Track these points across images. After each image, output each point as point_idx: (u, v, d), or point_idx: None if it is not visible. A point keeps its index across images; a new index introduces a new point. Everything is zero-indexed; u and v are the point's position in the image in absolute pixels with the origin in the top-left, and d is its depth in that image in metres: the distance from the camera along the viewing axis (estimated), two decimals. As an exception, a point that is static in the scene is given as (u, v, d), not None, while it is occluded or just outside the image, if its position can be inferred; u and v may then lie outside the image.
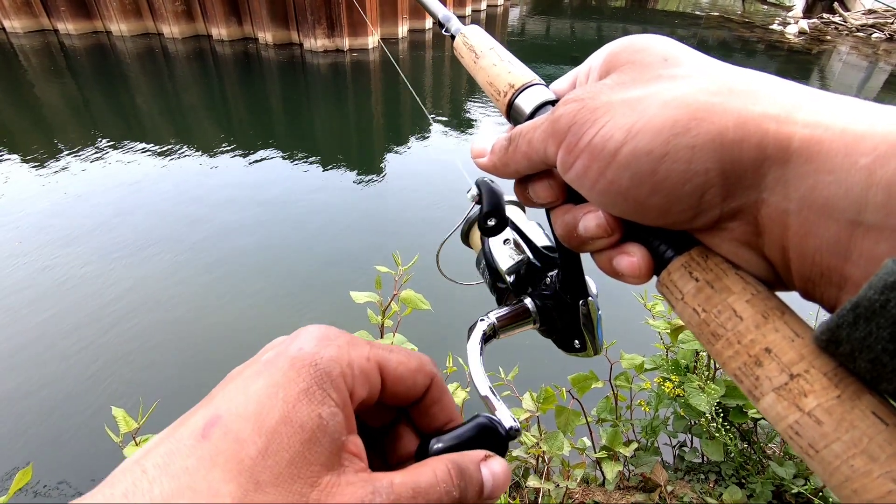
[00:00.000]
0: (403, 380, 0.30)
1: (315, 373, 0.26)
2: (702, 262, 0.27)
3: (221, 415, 0.25)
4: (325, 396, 0.25)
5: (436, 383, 0.32)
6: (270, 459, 0.23)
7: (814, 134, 0.23)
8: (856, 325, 0.20)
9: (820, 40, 14.61)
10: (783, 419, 0.22)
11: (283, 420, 0.24)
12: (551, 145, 0.30)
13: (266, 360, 0.27)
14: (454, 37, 0.46)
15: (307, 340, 0.27)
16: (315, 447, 0.24)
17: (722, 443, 1.40)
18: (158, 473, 0.23)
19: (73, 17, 11.96)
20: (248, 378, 0.26)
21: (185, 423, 0.25)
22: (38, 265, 4.36)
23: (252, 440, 0.24)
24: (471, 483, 0.28)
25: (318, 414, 0.25)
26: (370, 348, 0.29)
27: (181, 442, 0.24)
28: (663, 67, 0.28)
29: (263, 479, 0.23)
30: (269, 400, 0.25)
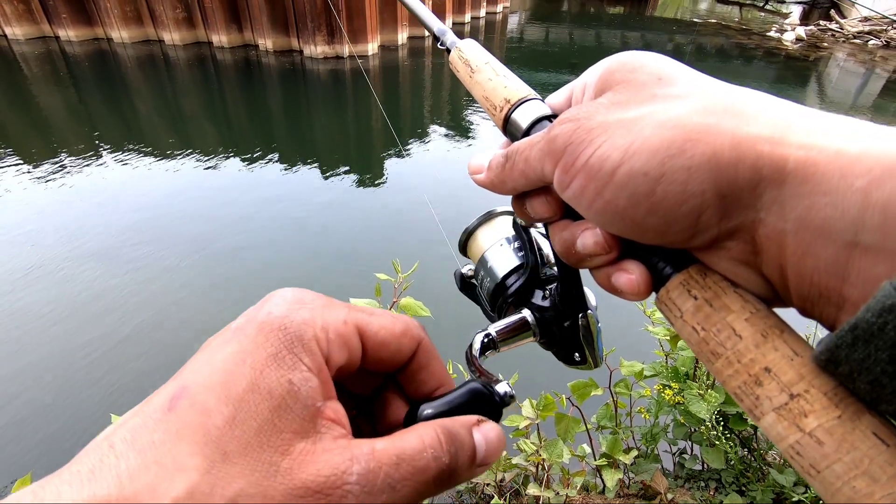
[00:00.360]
0: (387, 344, 0.29)
1: (284, 337, 0.25)
2: (700, 279, 0.27)
3: (188, 386, 0.24)
4: (296, 361, 0.25)
5: (423, 348, 0.31)
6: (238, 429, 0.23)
7: (808, 155, 0.23)
8: (854, 347, 0.20)
9: (817, 47, 14.70)
10: (784, 439, 0.22)
11: (251, 387, 0.23)
12: (548, 164, 0.30)
13: (235, 327, 0.26)
14: (450, 50, 0.46)
15: (277, 304, 0.26)
16: (286, 414, 0.23)
17: (722, 450, 1.39)
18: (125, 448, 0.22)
19: (74, 23, 12.02)
20: (215, 347, 0.25)
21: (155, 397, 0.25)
22: (38, 271, 4.36)
23: (218, 410, 0.23)
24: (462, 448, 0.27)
25: (289, 380, 0.24)
26: (348, 311, 0.28)
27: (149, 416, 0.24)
28: (658, 87, 0.28)
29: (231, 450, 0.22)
30: (236, 367, 0.24)
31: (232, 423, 0.23)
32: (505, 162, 0.34)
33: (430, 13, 0.52)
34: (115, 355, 3.50)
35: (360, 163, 7.14)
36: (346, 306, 0.29)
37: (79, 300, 4.04)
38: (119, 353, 3.52)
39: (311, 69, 11.17)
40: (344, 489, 0.23)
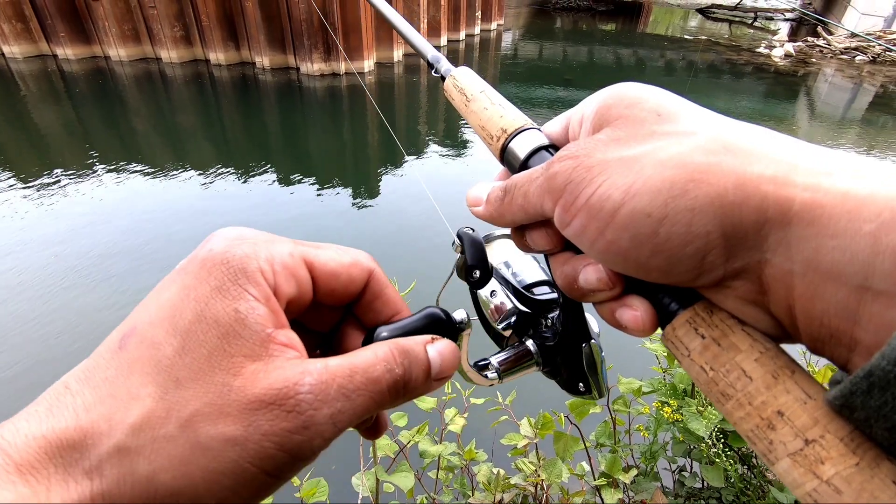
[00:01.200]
0: (337, 275, 0.30)
1: (227, 270, 0.26)
2: (707, 317, 0.26)
3: (136, 325, 0.25)
4: (241, 291, 0.25)
5: (375, 277, 0.32)
6: (188, 357, 0.24)
7: (815, 197, 0.22)
8: (870, 394, 0.20)
9: (805, 62, 14.98)
10: (801, 486, 0.22)
11: (197, 318, 0.24)
12: (548, 201, 0.30)
13: (178, 267, 0.27)
14: (444, 78, 0.45)
15: (218, 241, 0.27)
16: (235, 340, 0.24)
17: (722, 468, 1.38)
18: (80, 387, 0.24)
19: (72, 42, 12.11)
20: (160, 288, 0.27)
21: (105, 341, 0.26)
22: (37, 288, 4.32)
23: (167, 342, 0.24)
24: (416, 361, 0.28)
25: (234, 308, 0.25)
26: (293, 245, 0.29)
27: (100, 356, 0.25)
28: (657, 123, 0.28)
29: (183, 376, 0.23)
30: (180, 302, 0.25)
31: (181, 352, 0.24)
32: (504, 196, 0.34)
33: (424, 40, 0.52)
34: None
35: (357, 179, 7.17)
36: (292, 241, 0.29)
37: (69, 318, 4.00)
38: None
39: (308, 86, 11.27)
40: (297, 398, 0.24)
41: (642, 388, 1.46)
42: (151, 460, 0.22)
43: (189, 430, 0.23)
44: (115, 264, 4.69)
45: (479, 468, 1.50)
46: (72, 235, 5.17)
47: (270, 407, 0.23)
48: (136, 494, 0.22)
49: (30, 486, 0.21)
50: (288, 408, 0.23)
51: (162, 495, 0.22)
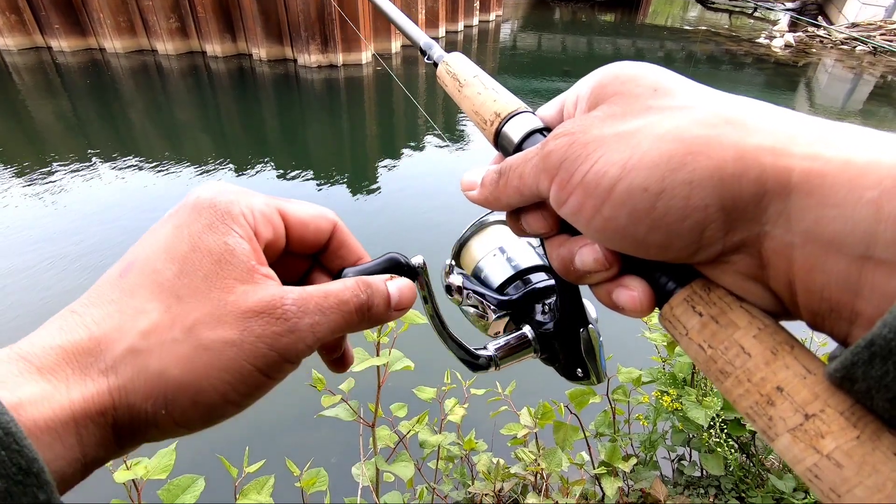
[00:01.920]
0: (305, 224, 0.34)
1: (215, 211, 0.30)
2: (705, 295, 0.26)
3: (135, 258, 0.29)
4: (228, 229, 0.29)
5: (339, 228, 0.36)
6: (186, 278, 0.27)
7: (814, 166, 0.22)
8: (871, 364, 0.20)
9: (806, 53, 14.90)
10: (801, 462, 0.22)
11: (192, 248, 0.28)
12: (543, 181, 0.30)
13: (169, 213, 0.31)
14: (437, 64, 0.45)
15: (204, 190, 0.31)
16: (226, 266, 0.28)
17: (721, 456, 1.39)
18: (86, 309, 0.27)
19: (67, 34, 12.00)
20: (154, 229, 0.30)
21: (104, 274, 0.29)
22: (32, 283, 4.31)
23: (166, 267, 0.28)
24: (377, 292, 0.33)
25: (224, 241, 0.29)
26: (268, 197, 0.33)
27: (101, 286, 0.28)
28: (653, 98, 0.28)
29: (183, 293, 0.27)
30: (175, 236, 0.29)
31: (180, 274, 0.28)
32: (498, 178, 0.33)
33: (416, 27, 0.51)
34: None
35: (355, 171, 7.15)
36: (267, 195, 0.34)
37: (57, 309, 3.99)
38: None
39: (305, 78, 11.20)
40: (283, 308, 0.28)
41: (642, 377, 1.46)
42: (161, 358, 0.26)
43: (192, 335, 0.26)
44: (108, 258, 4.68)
45: (479, 458, 1.51)
46: (66, 228, 5.15)
47: (261, 315, 0.28)
48: (149, 388, 0.26)
49: (50, 384, 0.24)
50: (276, 315, 0.28)
51: (171, 388, 0.26)
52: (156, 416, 0.26)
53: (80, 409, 0.24)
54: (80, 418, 0.24)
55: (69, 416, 0.24)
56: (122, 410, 0.25)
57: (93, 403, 0.25)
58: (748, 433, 1.45)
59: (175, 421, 0.27)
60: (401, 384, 1.38)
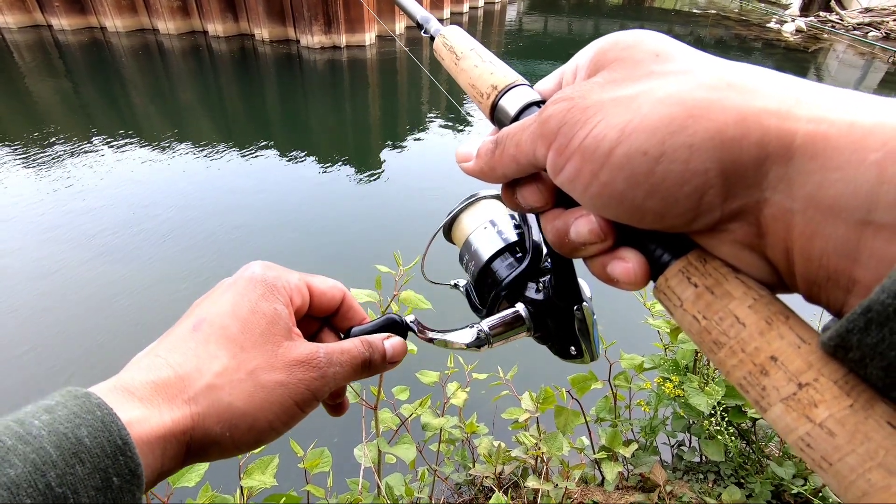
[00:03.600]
0: (324, 293, 0.43)
1: (266, 285, 0.39)
2: (700, 266, 0.26)
3: (206, 316, 0.37)
4: (276, 298, 0.38)
5: (347, 297, 0.46)
6: (248, 333, 0.36)
7: (818, 129, 0.21)
8: (867, 331, 0.19)
9: (816, 38, 14.65)
10: (793, 431, 0.21)
11: (252, 311, 0.37)
12: (541, 147, 0.29)
13: (227, 283, 0.39)
14: (433, 38, 0.44)
15: (255, 268, 0.40)
16: (276, 326, 0.37)
17: (722, 443, 1.40)
18: (168, 353, 0.34)
19: (68, 12, 11.85)
20: (217, 295, 0.39)
21: (177, 328, 0.37)
22: (34, 264, 4.33)
23: (233, 324, 0.36)
24: (376, 349, 0.42)
25: (274, 308, 0.38)
26: (299, 274, 0.43)
27: (178, 336, 0.36)
28: (655, 63, 0.27)
29: (245, 345, 0.35)
30: (239, 301, 0.37)
31: (243, 331, 0.36)
32: (494, 148, 0.33)
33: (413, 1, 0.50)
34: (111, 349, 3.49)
35: (358, 153, 7.10)
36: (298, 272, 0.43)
37: (69, 288, 4.02)
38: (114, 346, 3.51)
39: (308, 59, 11.07)
40: (318, 359, 0.37)
41: (644, 363, 1.46)
42: (230, 393, 0.34)
43: (253, 376, 0.34)
44: (108, 239, 4.68)
45: (480, 441, 1.52)
46: (66, 209, 5.15)
47: (303, 364, 0.36)
48: (220, 415, 0.33)
49: (148, 410, 0.31)
50: (313, 364, 0.37)
51: (236, 417, 0.33)
52: (221, 438, 0.33)
53: (169, 429, 0.31)
54: (167, 436, 0.31)
55: (161, 435, 0.30)
56: (199, 432, 0.32)
57: (178, 425, 0.31)
58: (749, 420, 1.45)
59: (234, 443, 0.34)
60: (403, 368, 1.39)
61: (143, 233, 4.80)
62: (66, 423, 0.27)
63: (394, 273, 1.09)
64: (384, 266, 1.11)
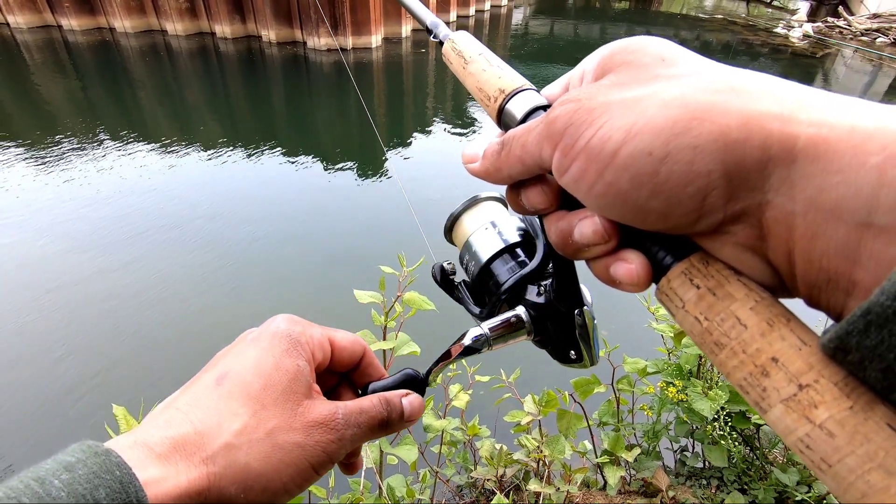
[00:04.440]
0: (345, 348, 0.43)
1: (290, 340, 0.38)
2: (702, 268, 0.26)
3: (229, 369, 0.36)
4: (299, 354, 0.38)
5: (367, 352, 0.45)
6: (269, 391, 0.35)
7: (820, 133, 0.22)
8: (867, 333, 0.19)
9: (824, 44, 14.58)
10: (793, 432, 0.21)
11: (275, 367, 0.36)
12: (547, 148, 0.29)
13: (252, 337, 0.39)
14: (443, 43, 0.45)
15: (280, 322, 0.40)
16: (297, 384, 0.36)
17: (725, 448, 1.39)
18: (190, 408, 0.34)
19: (77, 13, 11.96)
20: (242, 347, 0.38)
21: (199, 381, 0.36)
22: (40, 263, 4.36)
23: (255, 380, 0.35)
24: (395, 408, 0.41)
25: (297, 364, 0.37)
26: (322, 328, 0.42)
27: (201, 389, 0.35)
28: (661, 67, 0.27)
29: (267, 403, 0.35)
30: (263, 356, 0.37)
31: (265, 388, 0.35)
32: (500, 149, 0.33)
33: (423, 6, 0.51)
34: (113, 347, 3.51)
35: (363, 155, 7.12)
36: (321, 326, 0.43)
37: (76, 288, 4.04)
38: (116, 345, 3.52)
39: (315, 61, 11.12)
40: (336, 420, 0.37)
41: (647, 368, 1.45)
42: (248, 454, 0.33)
43: (272, 437, 0.34)
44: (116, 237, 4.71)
45: (482, 443, 1.52)
46: (74, 207, 5.18)
47: (321, 426, 0.36)
48: (236, 476, 0.32)
49: (166, 468, 0.31)
50: (331, 426, 0.36)
51: (252, 477, 0.33)
52: (235, 499, 0.33)
53: (185, 490, 0.31)
54: (183, 497, 0.31)
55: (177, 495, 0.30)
56: (213, 492, 0.32)
57: (194, 486, 0.31)
58: (752, 426, 1.44)
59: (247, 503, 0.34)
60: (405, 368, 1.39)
61: (146, 232, 4.83)
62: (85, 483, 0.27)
63: (398, 274, 1.09)
64: (388, 267, 1.11)
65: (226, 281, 4.24)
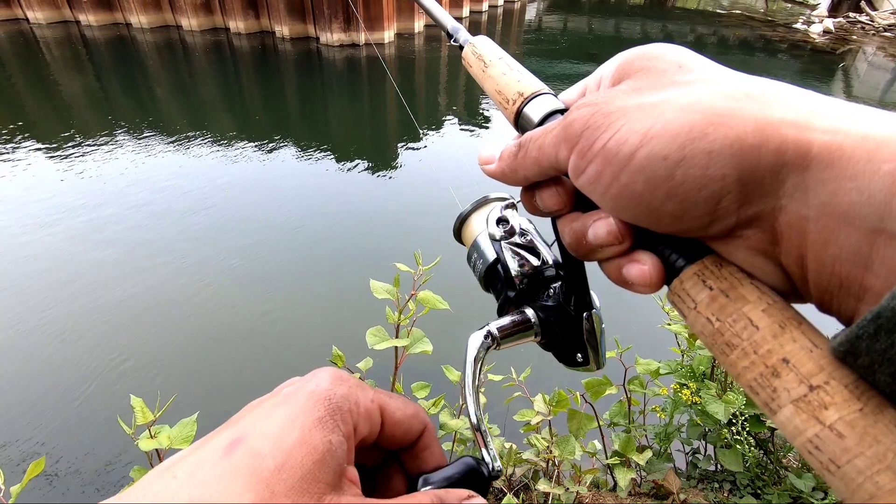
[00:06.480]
0: (401, 423, 0.34)
1: (329, 405, 0.29)
2: (716, 270, 0.26)
3: (246, 435, 0.28)
4: (336, 426, 0.29)
5: (428, 430, 0.35)
6: (286, 474, 0.27)
7: (834, 140, 0.22)
8: (876, 337, 0.20)
9: (845, 40, 14.27)
10: (802, 433, 0.21)
11: (300, 442, 0.28)
12: (563, 150, 0.30)
13: (286, 392, 0.31)
14: (462, 47, 0.46)
15: (323, 379, 0.31)
16: (324, 468, 0.28)
17: (739, 452, 1.37)
18: (187, 480, 0.26)
19: (95, 8, 12.13)
20: (270, 406, 0.30)
21: (212, 440, 0.29)
22: (58, 255, 4.44)
23: (271, 455, 0.27)
24: None
25: (329, 440, 0.28)
26: (374, 392, 0.33)
27: (208, 456, 0.28)
28: (678, 73, 0.28)
29: (278, 490, 0.26)
30: (289, 424, 0.28)
31: (281, 468, 0.27)
32: (517, 151, 0.33)
33: (444, 11, 0.52)
34: (131, 340, 3.56)
35: (377, 151, 7.14)
36: (373, 388, 0.33)
37: (89, 279, 4.11)
38: (133, 338, 3.58)
39: (327, 56, 11.16)
40: None
41: (660, 369, 1.44)
42: None
43: None
44: (130, 232, 4.78)
45: (492, 442, 1.51)
46: (87, 200, 5.26)
47: None
48: None
49: None
50: None
51: None
52: None
53: None
54: None
55: None
56: None
57: None
58: (767, 430, 1.43)
59: None
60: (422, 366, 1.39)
61: (157, 224, 4.89)
62: None
63: (413, 272, 1.09)
64: (403, 265, 1.11)
65: (235, 276, 4.28)
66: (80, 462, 2.73)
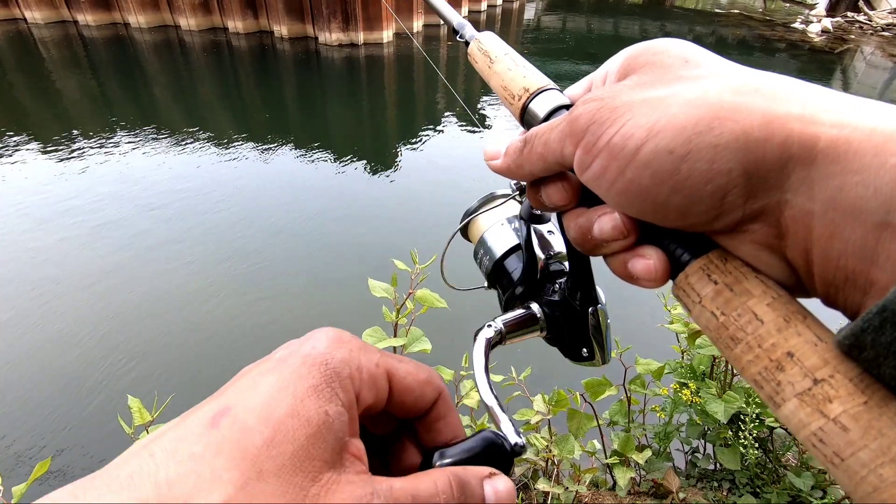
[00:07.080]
0: (411, 390, 0.30)
1: (325, 371, 0.26)
2: (721, 264, 0.26)
3: (231, 406, 0.25)
4: (334, 395, 0.26)
5: (443, 398, 0.32)
6: (275, 450, 0.23)
7: (841, 134, 0.22)
8: (882, 330, 0.20)
9: (843, 39, 14.30)
10: (806, 426, 0.21)
11: (291, 413, 0.24)
12: (569, 145, 0.29)
13: (279, 357, 0.27)
14: (468, 43, 0.46)
15: (320, 341, 0.28)
16: (319, 442, 0.24)
17: (738, 451, 1.37)
18: (165, 458, 0.23)
19: (93, 8, 12.10)
20: (259, 374, 0.27)
21: (196, 413, 0.26)
22: (56, 257, 4.43)
23: (258, 430, 0.24)
24: (472, 498, 0.28)
25: (325, 411, 0.25)
26: (380, 355, 0.29)
27: (190, 429, 0.24)
28: (684, 68, 0.28)
29: (266, 469, 0.23)
30: (278, 393, 0.25)
31: (270, 444, 0.24)
32: (523, 146, 0.33)
33: (450, 7, 0.52)
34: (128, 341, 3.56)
35: (375, 149, 7.14)
36: (379, 351, 0.30)
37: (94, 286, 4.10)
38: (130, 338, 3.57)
39: (326, 56, 11.15)
40: None
41: (661, 369, 1.44)
42: None
43: None
44: (128, 232, 4.77)
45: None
46: (86, 201, 5.25)
47: None
48: None
49: None
50: None
51: None
52: None
53: None
54: None
55: None
56: None
57: None
58: (766, 429, 1.42)
59: None
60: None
61: (157, 224, 4.88)
62: None
63: (410, 270, 1.09)
64: (401, 262, 1.11)
65: (234, 276, 4.27)
66: (80, 462, 2.73)
